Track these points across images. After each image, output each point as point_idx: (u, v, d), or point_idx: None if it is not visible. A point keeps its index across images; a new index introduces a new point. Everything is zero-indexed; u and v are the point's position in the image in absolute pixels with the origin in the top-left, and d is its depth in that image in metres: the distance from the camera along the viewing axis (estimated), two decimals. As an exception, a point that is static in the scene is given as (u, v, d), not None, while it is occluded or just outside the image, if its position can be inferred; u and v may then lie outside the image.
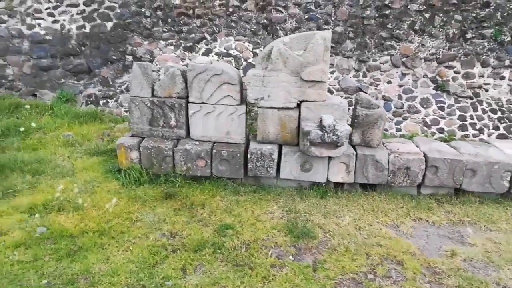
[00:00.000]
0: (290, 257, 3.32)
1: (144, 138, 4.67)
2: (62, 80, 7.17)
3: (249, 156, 4.44)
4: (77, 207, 3.85)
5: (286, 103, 4.35)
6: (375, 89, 6.80)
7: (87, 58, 7.18)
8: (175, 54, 7.06)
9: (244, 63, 7.02)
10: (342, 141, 3.99)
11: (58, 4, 7.25)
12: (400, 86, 6.81)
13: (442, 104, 6.64)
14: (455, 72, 6.70)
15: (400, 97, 6.74)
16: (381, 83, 6.84)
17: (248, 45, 7.05)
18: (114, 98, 6.97)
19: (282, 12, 6.98)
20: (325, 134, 3.94)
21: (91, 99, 6.93)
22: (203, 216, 3.90)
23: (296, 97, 4.33)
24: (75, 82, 7.20)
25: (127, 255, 3.25)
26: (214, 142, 4.60)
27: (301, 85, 4.26)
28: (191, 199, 4.17)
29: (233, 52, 7.04)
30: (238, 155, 4.44)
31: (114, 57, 7.12)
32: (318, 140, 3.97)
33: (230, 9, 6.99)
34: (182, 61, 7.07)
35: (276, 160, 4.44)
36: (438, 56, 6.68)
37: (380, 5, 6.75)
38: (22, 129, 5.62)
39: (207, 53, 7.04)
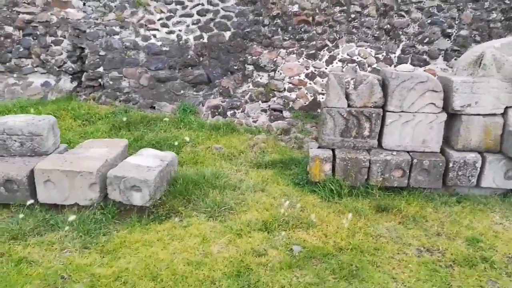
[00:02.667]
0: None
1: (332, 149, 4.54)
2: (182, 91, 7.04)
3: (451, 165, 4.33)
4: (309, 223, 3.71)
5: (493, 109, 4.25)
6: (507, 92, 6.71)
7: (207, 68, 7.06)
8: (299, 62, 6.96)
9: (369, 69, 6.92)
10: None
11: (171, 14, 7.15)
12: (530, 88, 6.73)
13: None
14: None
15: (533, 100, 6.65)
16: (510, 86, 6.76)
17: (371, 51, 6.96)
18: (241, 109, 6.84)
19: (404, 17, 6.90)
20: (558, 140, 3.84)
21: (219, 110, 6.79)
22: (436, 230, 3.76)
23: (505, 103, 4.23)
24: (195, 93, 7.07)
25: (409, 273, 3.11)
26: (409, 152, 4.48)
27: (512, 90, 4.17)
28: (407, 211, 4.04)
29: (357, 58, 6.94)
30: (440, 164, 4.33)
31: (235, 67, 7.00)
32: (549, 146, 3.86)
33: (352, 15, 6.91)
34: (307, 69, 6.97)
35: (478, 169, 4.33)
36: None
37: (506, 8, 6.69)
38: (176, 143, 5.47)
39: (331, 60, 6.95)
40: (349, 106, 4.41)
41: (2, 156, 4.13)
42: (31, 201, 3.69)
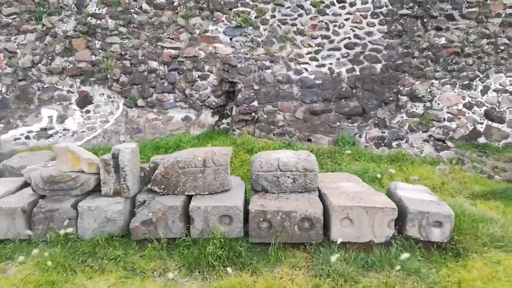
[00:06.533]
0: None
1: None
2: (337, 123, 7.08)
3: None
4: None
5: None
6: None
7: (361, 100, 7.14)
8: (455, 92, 7.08)
9: (523, 99, 7.07)
10: None
11: (320, 48, 7.30)
12: None
13: None
14: None
15: None
16: None
17: (521, 81, 7.13)
18: (405, 139, 6.87)
19: (551, 48, 7.13)
20: None
21: (384, 141, 6.81)
22: None
23: None
24: (349, 124, 7.11)
25: None
26: None
27: None
28: None
29: (509, 88, 7.09)
30: None
31: (391, 98, 7.09)
32: None
33: (501, 47, 7.11)
34: (463, 99, 7.08)
35: None
36: None
37: None
38: (379, 175, 5.44)
39: (485, 90, 7.08)
40: None
41: (273, 193, 4.05)
42: (340, 239, 3.59)
